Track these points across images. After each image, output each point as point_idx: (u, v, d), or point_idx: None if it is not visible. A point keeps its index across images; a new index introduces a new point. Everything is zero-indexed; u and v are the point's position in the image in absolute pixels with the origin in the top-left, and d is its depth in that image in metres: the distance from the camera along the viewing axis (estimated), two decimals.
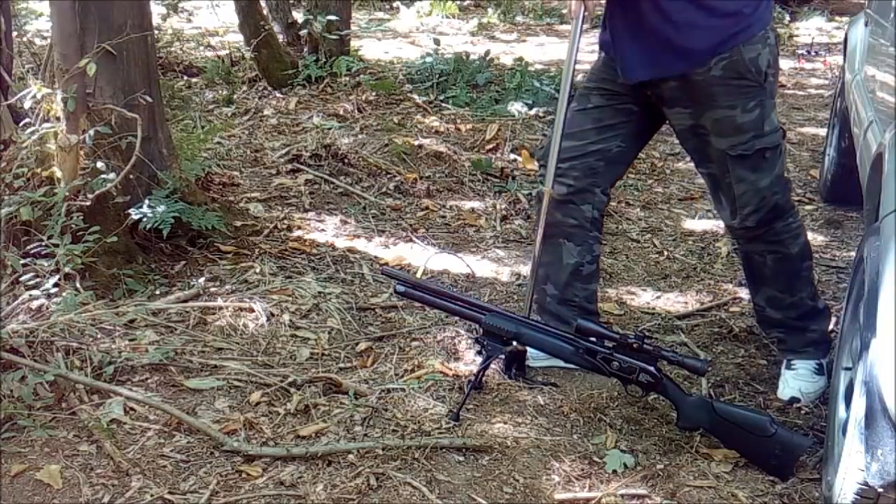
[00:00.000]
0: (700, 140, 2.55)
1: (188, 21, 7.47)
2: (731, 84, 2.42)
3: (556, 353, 2.60)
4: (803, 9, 9.60)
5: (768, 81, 2.46)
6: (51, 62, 3.46)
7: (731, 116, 2.45)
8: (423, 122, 5.34)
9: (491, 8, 9.90)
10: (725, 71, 2.41)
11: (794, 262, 2.64)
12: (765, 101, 2.47)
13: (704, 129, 2.50)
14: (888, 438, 1.76)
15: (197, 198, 3.60)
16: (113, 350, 2.73)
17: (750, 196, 2.52)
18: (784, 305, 2.71)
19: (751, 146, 2.47)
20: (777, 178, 2.54)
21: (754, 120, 2.46)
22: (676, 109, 2.54)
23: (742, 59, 2.40)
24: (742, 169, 2.50)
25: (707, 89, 2.44)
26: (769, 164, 2.51)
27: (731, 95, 2.43)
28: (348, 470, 2.32)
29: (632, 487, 2.30)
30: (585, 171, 2.65)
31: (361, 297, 3.31)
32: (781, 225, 2.58)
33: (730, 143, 2.48)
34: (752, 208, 2.54)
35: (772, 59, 2.45)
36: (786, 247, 2.62)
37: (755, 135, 2.47)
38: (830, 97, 5.42)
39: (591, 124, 2.64)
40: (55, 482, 2.24)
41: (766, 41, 2.43)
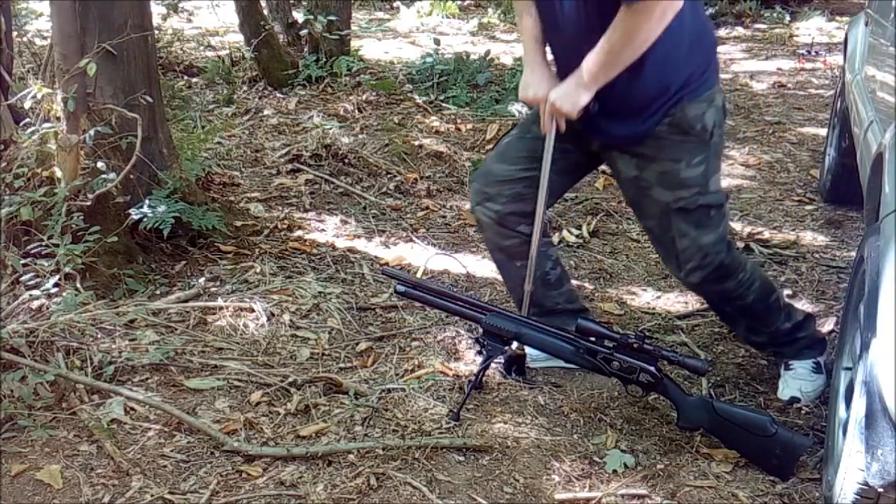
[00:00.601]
0: (641, 192, 2.52)
1: (188, 21, 7.48)
2: (675, 140, 2.42)
3: (557, 353, 2.60)
4: (803, 9, 9.60)
5: (713, 140, 2.45)
6: (51, 62, 3.46)
7: (675, 170, 2.44)
8: (423, 122, 5.34)
9: (491, 8, 9.89)
10: (670, 128, 2.41)
11: (756, 307, 2.63)
12: (710, 159, 2.46)
13: (647, 181, 2.48)
14: (888, 438, 1.76)
15: (197, 198, 3.61)
16: (113, 350, 2.73)
17: (692, 252, 2.50)
18: (764, 333, 2.73)
19: (693, 201, 2.45)
20: (720, 238, 2.52)
21: (698, 176, 2.44)
22: (622, 158, 2.52)
23: (686, 118, 2.40)
24: (684, 223, 2.48)
25: (652, 144, 2.44)
26: (713, 222, 2.49)
27: (675, 150, 2.43)
28: (348, 470, 2.32)
29: (632, 487, 2.30)
30: (512, 196, 2.63)
31: (362, 297, 3.31)
32: (733, 284, 2.56)
33: (673, 196, 2.46)
34: (695, 264, 2.51)
35: (718, 119, 2.45)
36: (743, 299, 2.60)
37: (699, 191, 2.45)
38: (830, 97, 5.42)
39: (525, 153, 2.62)
40: (55, 482, 2.24)
41: (711, 102, 2.43)
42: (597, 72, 2.33)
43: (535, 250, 2.64)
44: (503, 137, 2.78)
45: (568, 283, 2.88)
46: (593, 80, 2.35)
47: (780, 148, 5.16)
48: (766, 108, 6.03)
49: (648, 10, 2.20)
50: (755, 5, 9.46)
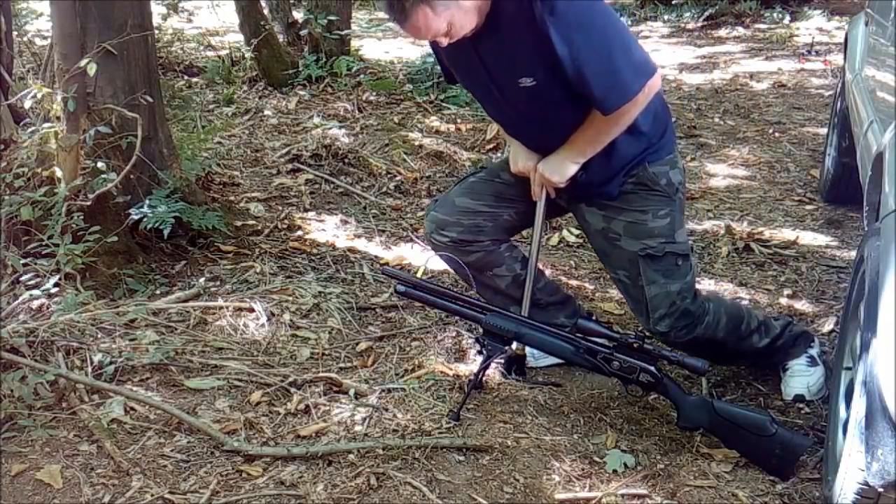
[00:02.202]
0: (609, 243, 2.58)
1: (188, 21, 7.47)
2: (641, 193, 2.51)
3: (557, 352, 2.60)
4: (803, 9, 9.60)
5: (678, 196, 2.54)
6: (51, 62, 3.47)
7: (643, 220, 2.52)
8: (423, 122, 5.34)
9: None
10: (635, 185, 2.51)
11: (730, 340, 2.66)
12: (675, 214, 2.54)
13: (615, 233, 2.55)
14: (888, 438, 1.76)
15: (197, 198, 3.61)
16: (113, 350, 2.73)
17: (661, 299, 2.54)
18: (745, 356, 2.76)
19: (661, 248, 2.51)
20: (688, 286, 2.57)
21: (665, 226, 2.52)
22: (590, 210, 2.59)
23: (649, 174, 2.50)
24: (652, 271, 2.53)
25: (620, 199, 2.52)
26: (680, 271, 2.55)
27: (642, 202, 2.51)
28: (349, 470, 2.32)
29: (632, 487, 2.30)
30: (470, 227, 2.69)
31: (362, 296, 3.31)
32: (700, 330, 2.59)
33: (641, 245, 2.52)
34: (664, 311, 2.55)
35: (681, 179, 2.56)
36: (713, 340, 2.62)
37: (666, 240, 2.52)
38: (830, 97, 5.42)
39: (491, 192, 2.70)
40: (55, 482, 2.24)
41: (674, 164, 2.54)
42: (585, 149, 2.44)
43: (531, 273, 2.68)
44: (468, 177, 2.84)
45: (543, 278, 2.90)
46: (582, 155, 2.45)
47: (780, 148, 5.16)
48: (766, 108, 6.03)
49: (633, 103, 2.30)
50: (755, 5, 9.46)
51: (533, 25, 2.19)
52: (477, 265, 2.74)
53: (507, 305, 2.72)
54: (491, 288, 2.79)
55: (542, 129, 2.48)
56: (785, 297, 3.36)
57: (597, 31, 2.24)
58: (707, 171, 4.75)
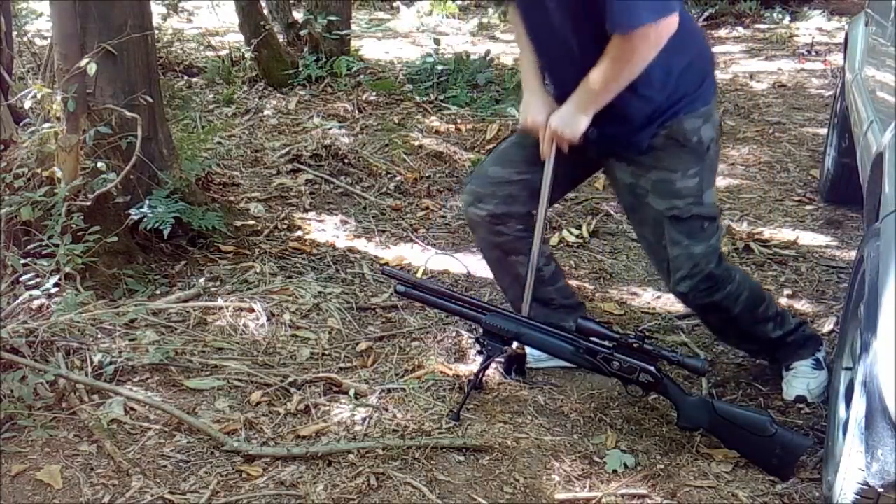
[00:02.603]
0: (637, 199, 2.55)
1: (188, 21, 7.48)
2: (671, 150, 2.45)
3: (557, 353, 2.60)
4: (803, 9, 9.60)
5: (709, 154, 2.48)
6: (51, 62, 3.46)
7: (670, 179, 2.47)
8: (423, 122, 5.34)
9: (491, 8, 9.88)
10: (666, 139, 2.45)
11: (743, 319, 2.64)
12: (704, 173, 2.49)
13: (643, 189, 2.51)
14: (888, 438, 1.76)
15: (197, 198, 3.61)
16: (113, 350, 2.73)
17: (683, 260, 2.52)
18: (755, 342, 2.75)
19: (687, 210, 2.48)
20: (713, 250, 2.54)
21: (693, 187, 2.47)
22: (619, 165, 2.55)
23: (682, 129, 2.43)
24: (677, 232, 2.50)
25: (650, 154, 2.47)
26: (705, 234, 2.51)
27: (672, 160, 2.46)
28: (348, 470, 2.32)
29: (632, 487, 2.30)
30: (505, 198, 2.65)
31: (362, 297, 3.31)
32: (720, 296, 2.57)
33: (667, 204, 2.48)
34: (685, 273, 2.53)
35: (714, 134, 2.48)
36: (729, 312, 2.61)
37: (693, 201, 2.48)
38: (830, 97, 5.42)
39: (523, 158, 2.64)
40: (55, 482, 2.24)
41: (708, 117, 2.47)
42: (594, 97, 2.37)
43: (532, 269, 2.65)
44: (501, 143, 2.81)
45: (562, 280, 2.89)
46: (592, 104, 2.38)
47: (780, 148, 5.16)
48: (766, 108, 6.02)
49: (643, 35, 2.22)
50: (755, 5, 9.45)
51: None
52: (504, 247, 2.72)
53: (520, 297, 2.71)
54: (511, 275, 2.77)
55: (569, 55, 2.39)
56: (785, 297, 3.36)
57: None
58: None
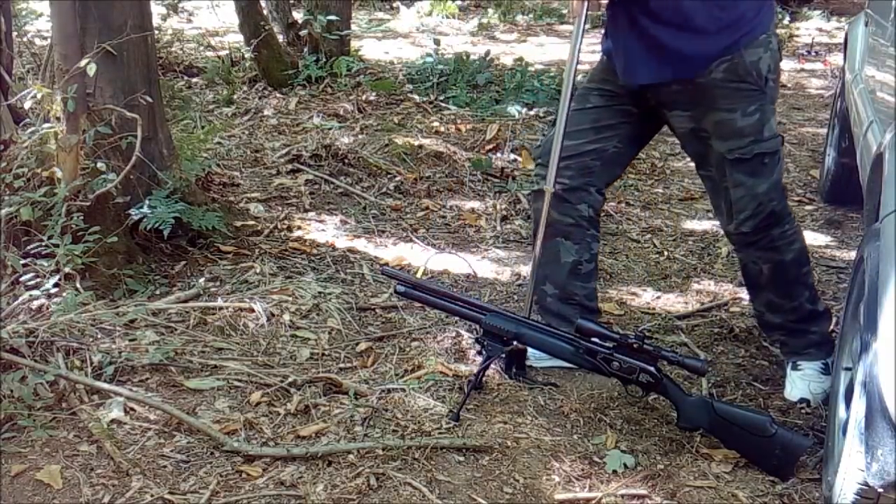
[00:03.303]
0: (701, 143, 2.55)
1: (188, 21, 7.48)
2: (731, 87, 2.44)
3: (557, 353, 2.60)
4: (803, 9, 9.60)
5: (769, 86, 2.47)
6: (51, 62, 3.46)
7: (731, 119, 2.46)
8: (423, 122, 5.34)
9: (491, 8, 9.89)
10: (726, 74, 2.43)
11: (790, 269, 2.63)
12: (765, 106, 2.48)
13: (705, 131, 2.51)
14: (888, 439, 1.76)
15: (197, 198, 3.61)
16: (113, 350, 2.73)
17: (747, 201, 2.52)
18: (783, 310, 2.71)
19: (749, 150, 2.48)
20: (774, 185, 2.54)
21: (754, 124, 2.46)
22: (677, 112, 2.54)
23: (743, 63, 2.42)
24: (740, 173, 2.50)
25: (708, 92, 2.45)
26: (767, 169, 2.51)
27: (731, 99, 2.44)
28: (348, 470, 2.32)
29: (632, 487, 2.30)
30: (581, 169, 2.65)
31: (361, 297, 3.31)
32: (778, 232, 2.58)
33: (728, 146, 2.48)
34: (749, 213, 2.54)
35: (773, 63, 2.47)
36: (781, 254, 2.61)
37: (754, 139, 2.47)
38: (830, 97, 5.42)
39: (588, 124, 2.64)
40: (55, 482, 2.24)
41: (767, 45, 2.45)
42: None
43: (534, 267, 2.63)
44: None
45: (594, 282, 2.88)
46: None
47: None
48: None
49: None
50: None
51: None
52: (559, 226, 2.70)
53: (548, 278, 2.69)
54: (550, 254, 2.73)
55: None
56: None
57: None
58: None
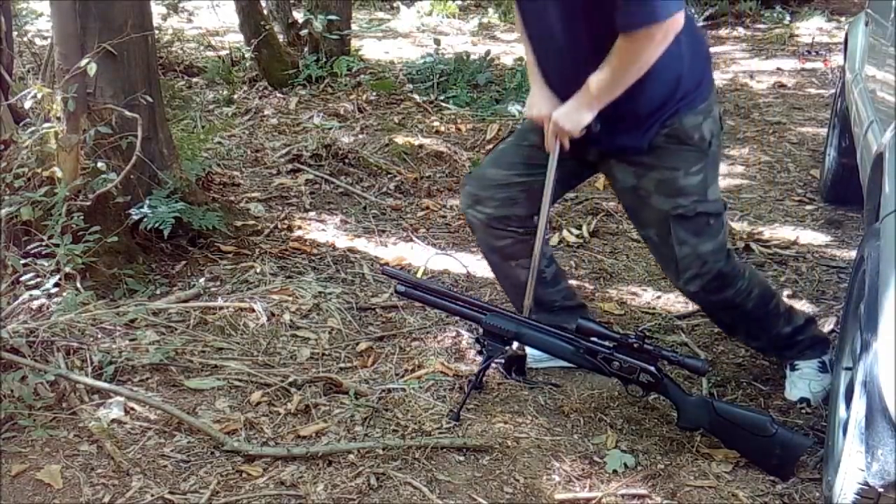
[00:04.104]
0: (640, 201, 2.53)
1: (188, 21, 7.47)
2: (673, 148, 2.44)
3: (557, 353, 2.60)
4: (803, 9, 9.60)
5: (711, 150, 2.47)
6: (51, 62, 3.47)
7: (674, 178, 2.46)
8: (423, 122, 5.34)
9: (491, 8, 9.88)
10: (668, 138, 2.44)
11: (756, 312, 2.64)
12: (708, 169, 2.48)
13: (646, 190, 2.50)
14: (888, 438, 1.76)
15: (197, 198, 3.61)
16: (113, 350, 2.73)
17: (691, 260, 2.51)
18: (763, 339, 2.74)
19: (692, 209, 2.46)
20: (720, 247, 2.52)
21: (697, 184, 2.46)
22: (622, 167, 2.53)
23: (683, 128, 2.42)
24: (684, 231, 2.49)
25: (651, 154, 2.46)
26: (713, 230, 2.50)
27: (673, 158, 2.45)
28: (349, 470, 2.32)
29: (632, 487, 2.30)
30: (504, 200, 2.65)
31: (362, 297, 3.31)
32: (732, 293, 2.57)
33: (672, 203, 2.47)
34: (694, 272, 2.52)
35: (715, 130, 2.47)
36: (741, 307, 2.61)
37: (698, 199, 2.46)
38: (830, 97, 5.42)
39: (521, 159, 2.64)
40: (55, 482, 2.24)
41: (708, 113, 2.46)
42: (599, 94, 2.36)
43: (535, 267, 2.64)
44: (499, 143, 2.82)
45: (564, 281, 2.89)
46: (596, 101, 2.38)
47: (780, 148, 5.16)
48: (766, 108, 6.03)
49: (650, 35, 2.23)
50: (755, 5, 9.46)
51: None
52: (504, 252, 2.72)
53: (521, 300, 2.71)
54: (511, 279, 2.77)
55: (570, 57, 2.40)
56: (785, 297, 3.35)
57: None
58: None
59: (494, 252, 2.75)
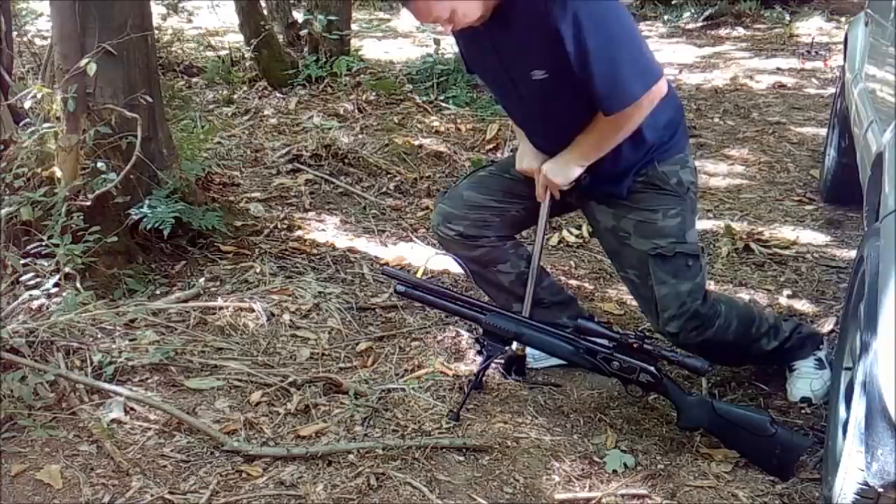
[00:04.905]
0: (620, 242, 2.57)
1: (188, 21, 7.47)
2: (651, 192, 2.50)
3: (557, 352, 2.60)
4: (803, 9, 9.61)
5: (689, 196, 2.53)
6: (51, 62, 3.46)
7: (652, 220, 2.50)
8: (423, 122, 5.34)
9: None
10: (644, 185, 2.50)
11: (738, 344, 2.65)
12: (686, 214, 2.52)
13: (625, 231, 2.54)
14: (888, 438, 1.76)
15: (197, 198, 3.61)
16: (113, 350, 2.73)
17: (670, 299, 2.52)
18: (752, 359, 2.78)
19: (671, 249, 2.50)
20: (698, 287, 2.54)
21: (675, 226, 2.50)
22: (601, 208, 2.58)
23: (658, 174, 2.49)
24: (662, 271, 2.51)
25: (630, 198, 2.51)
26: (690, 272, 2.53)
27: (652, 201, 2.50)
28: (348, 470, 2.32)
29: (632, 487, 2.30)
30: (476, 221, 2.69)
31: (361, 297, 3.31)
32: (711, 333, 2.57)
33: (650, 244, 2.50)
34: (673, 312, 2.53)
35: (691, 178, 2.54)
36: (723, 342, 2.61)
37: (676, 240, 2.50)
38: (830, 97, 5.42)
39: (500, 188, 2.70)
40: (55, 482, 2.24)
41: (684, 163, 2.53)
42: (589, 152, 2.45)
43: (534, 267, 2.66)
44: (478, 170, 2.88)
45: (548, 277, 2.90)
46: (585, 158, 2.46)
47: (780, 148, 5.16)
48: (766, 108, 6.03)
49: (632, 113, 2.31)
50: (755, 5, 9.46)
51: (545, 19, 2.20)
52: (481, 260, 2.75)
53: (510, 303, 2.73)
54: (494, 284, 2.79)
55: (552, 125, 2.48)
56: (785, 297, 3.36)
57: (606, 32, 2.24)
58: (707, 171, 4.75)
59: (472, 262, 2.76)
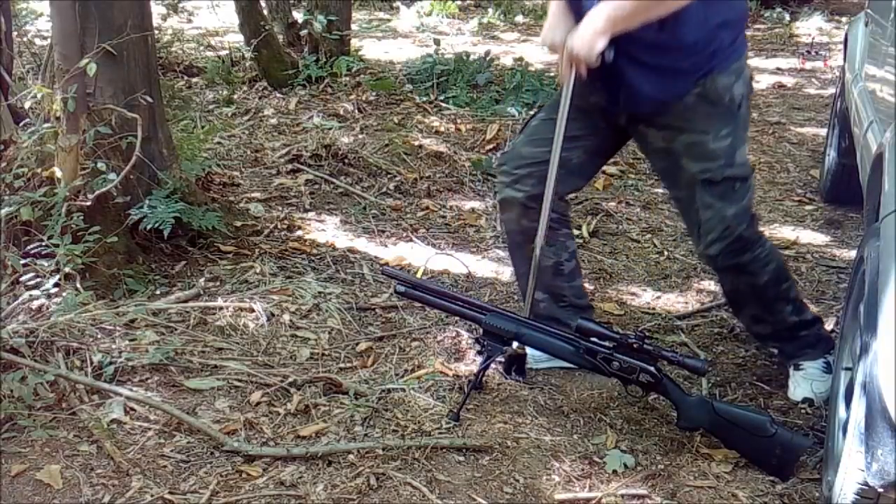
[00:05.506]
0: (671, 162, 2.55)
1: (188, 21, 7.48)
2: (704, 111, 2.45)
3: (557, 353, 2.60)
4: (803, 9, 9.61)
5: (741, 112, 2.49)
6: (51, 62, 3.47)
7: (703, 141, 2.47)
8: (423, 122, 5.34)
9: (491, 8, 9.89)
10: (699, 98, 2.44)
11: (768, 289, 2.63)
12: (737, 132, 2.49)
13: (676, 152, 2.51)
14: (888, 439, 1.76)
15: (197, 198, 3.60)
16: (113, 350, 2.73)
17: (714, 223, 2.51)
18: (768, 322, 2.73)
19: (720, 173, 2.48)
20: (744, 210, 2.53)
21: (725, 148, 2.47)
22: (651, 131, 2.55)
23: (715, 88, 2.43)
24: (709, 195, 2.50)
25: (681, 115, 2.46)
26: (738, 194, 2.51)
27: (704, 121, 2.45)
28: (348, 470, 2.32)
29: (632, 487, 2.30)
30: (542, 178, 2.61)
31: (361, 297, 3.31)
32: (749, 258, 2.56)
33: (700, 167, 2.48)
34: (716, 236, 2.52)
35: (745, 90, 2.48)
36: (756, 277, 2.60)
37: (725, 162, 2.48)
38: (830, 97, 5.42)
39: (554, 134, 2.59)
40: (55, 482, 2.24)
41: (740, 73, 2.47)
42: (615, 18, 2.30)
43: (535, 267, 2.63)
44: (530, 119, 2.81)
45: (580, 279, 2.89)
46: (610, 25, 2.31)
47: (780, 148, 5.16)
48: (766, 108, 6.03)
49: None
50: (755, 5, 9.46)
51: None
52: (529, 233, 2.66)
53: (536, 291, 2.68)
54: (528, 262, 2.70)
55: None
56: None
57: None
58: None
59: (521, 233, 2.70)
